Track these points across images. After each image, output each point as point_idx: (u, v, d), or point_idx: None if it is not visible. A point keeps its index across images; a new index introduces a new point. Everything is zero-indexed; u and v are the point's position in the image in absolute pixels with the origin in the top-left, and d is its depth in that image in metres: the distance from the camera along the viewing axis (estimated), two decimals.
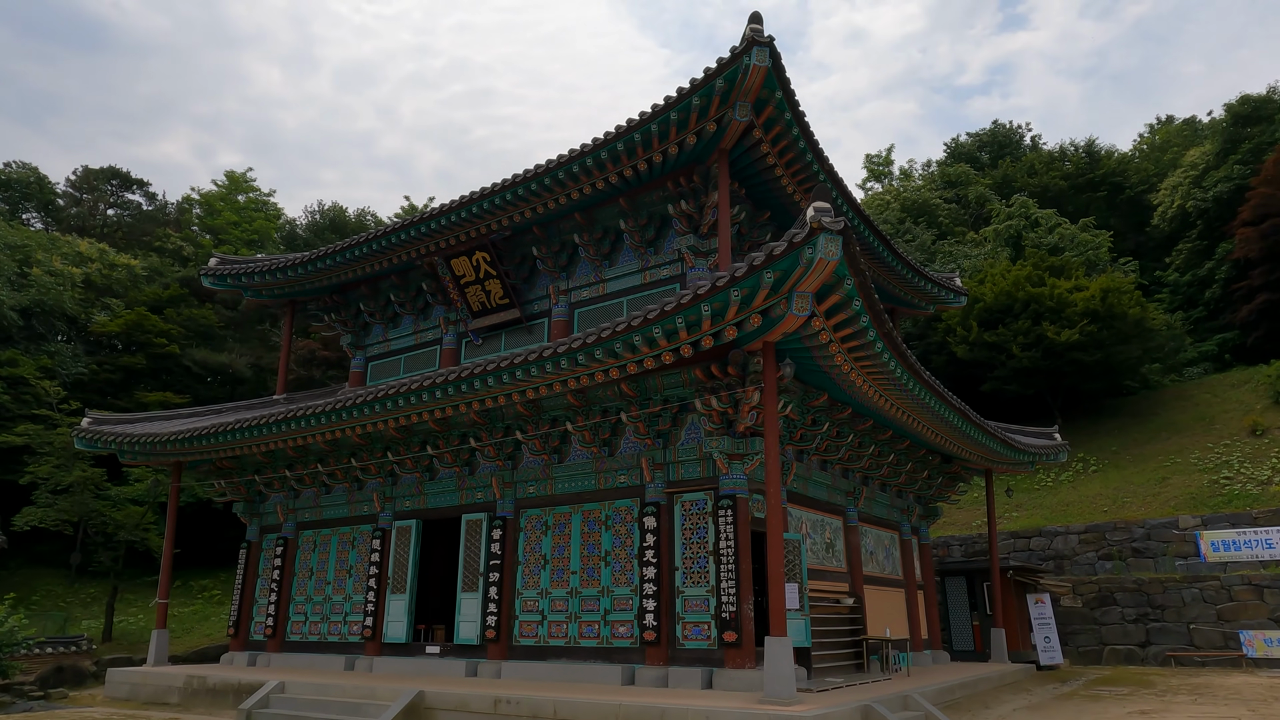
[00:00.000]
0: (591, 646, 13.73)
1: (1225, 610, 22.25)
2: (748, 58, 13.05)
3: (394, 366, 21.03)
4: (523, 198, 16.49)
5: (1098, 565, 25.45)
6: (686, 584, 12.98)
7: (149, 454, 19.48)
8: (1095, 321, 31.22)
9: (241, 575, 19.92)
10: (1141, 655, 22.79)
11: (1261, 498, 24.46)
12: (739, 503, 12.66)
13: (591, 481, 14.64)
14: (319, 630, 18.09)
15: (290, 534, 19.40)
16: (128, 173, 54.60)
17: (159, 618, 19.44)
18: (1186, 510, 25.15)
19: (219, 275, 21.80)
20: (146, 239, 51.93)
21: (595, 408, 14.34)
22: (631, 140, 14.66)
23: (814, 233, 9.47)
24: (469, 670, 14.73)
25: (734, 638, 12.03)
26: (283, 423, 16.02)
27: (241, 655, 18.84)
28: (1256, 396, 30.26)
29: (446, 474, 16.82)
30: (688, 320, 10.94)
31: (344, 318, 21.95)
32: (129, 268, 40.91)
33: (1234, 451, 27.43)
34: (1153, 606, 23.25)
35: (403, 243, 18.55)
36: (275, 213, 64.90)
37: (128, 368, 34.59)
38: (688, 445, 13.60)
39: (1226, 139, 41.26)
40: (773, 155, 15.11)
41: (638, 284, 17.00)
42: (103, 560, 24.40)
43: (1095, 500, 27.70)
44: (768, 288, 10.16)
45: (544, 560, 14.85)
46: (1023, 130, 57.80)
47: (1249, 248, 35.56)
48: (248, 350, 38.14)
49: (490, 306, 18.82)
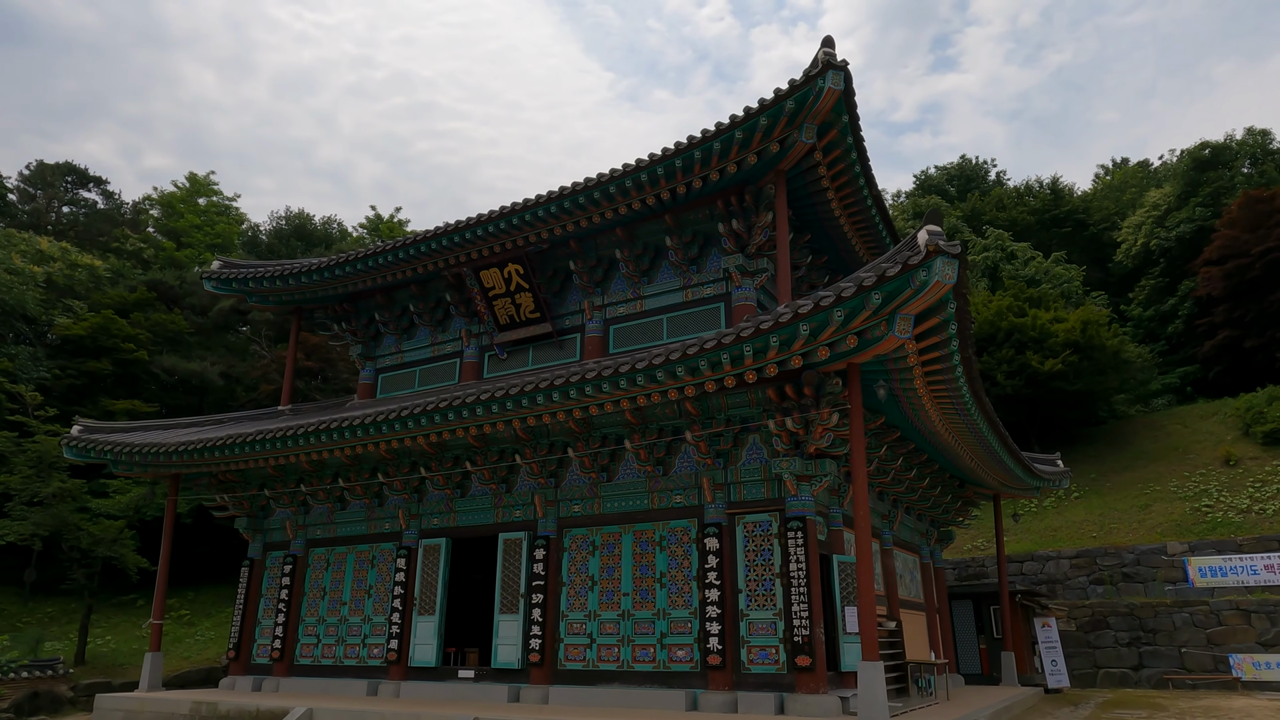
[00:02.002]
0: (647, 671, 13.39)
1: (1215, 634, 22.99)
2: (822, 80, 13.13)
3: (408, 379, 20.41)
4: (568, 210, 16.23)
5: (1089, 590, 26.08)
6: (751, 607, 12.77)
7: (148, 465, 18.42)
8: (1077, 352, 32.28)
9: (244, 595, 18.92)
10: (1135, 678, 23.37)
11: (1244, 525, 25.45)
12: (809, 525, 12.55)
13: (644, 501, 14.36)
14: (334, 653, 17.26)
15: (300, 551, 18.54)
16: (85, 169, 52.42)
17: (153, 639, 18.31)
18: (1173, 537, 26.01)
19: (223, 279, 20.89)
20: (103, 239, 49.70)
21: (653, 426, 14.10)
22: (691, 157, 14.57)
23: (930, 255, 9.49)
24: (511, 695, 14.20)
25: (808, 662, 11.86)
26: (314, 434, 15.33)
27: (245, 680, 17.85)
28: (1226, 428, 31.59)
29: (480, 491, 16.32)
30: (781, 339, 10.84)
31: (354, 327, 21.24)
32: (91, 268, 39.06)
33: (1210, 480, 28.53)
34: (1144, 630, 23.91)
35: (432, 252, 18.05)
36: (238, 217, 62.99)
37: (93, 373, 32.86)
38: (749, 465, 13.45)
39: (1187, 182, 43.36)
40: (827, 178, 15.21)
41: (679, 302, 16.85)
42: (77, 578, 22.91)
43: (1082, 526, 28.45)
44: (872, 309, 10.13)
45: (591, 581, 14.47)
46: (988, 165, 59.85)
47: (1212, 286, 37.28)
48: (219, 358, 36.66)
49: (519, 320, 18.43)
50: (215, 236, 56.22)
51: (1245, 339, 36.07)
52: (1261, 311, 34.92)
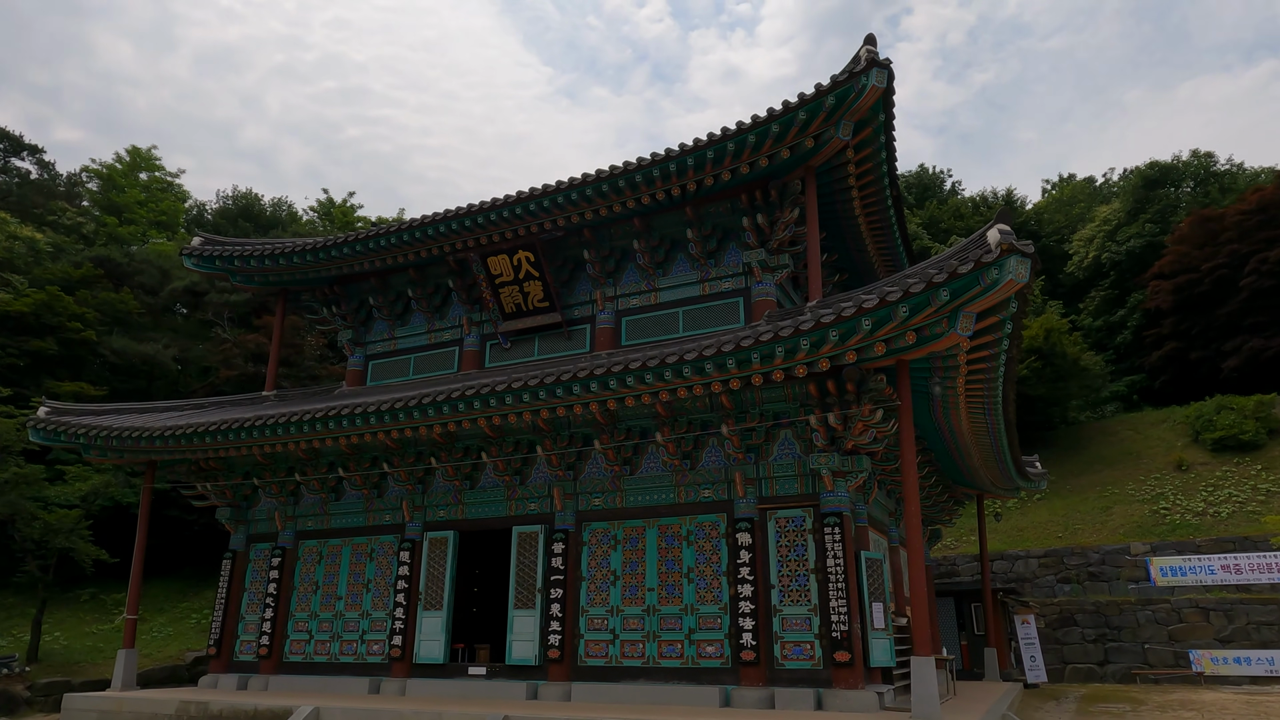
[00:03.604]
0: (674, 667, 13.20)
1: (1176, 631, 24.06)
2: (866, 78, 13.14)
3: (401, 367, 19.72)
4: (589, 198, 15.88)
5: (1057, 588, 26.98)
6: (784, 602, 12.71)
7: (127, 450, 17.37)
8: (1040, 358, 33.37)
9: (225, 589, 17.99)
10: (1101, 673, 24.27)
11: (1200, 527, 26.69)
12: (845, 521, 12.56)
13: (670, 495, 14.16)
14: (328, 650, 16.55)
15: (289, 543, 17.73)
16: (19, 136, 49.12)
17: (127, 635, 17.26)
18: (1135, 538, 27.10)
19: (205, 256, 19.82)
20: (38, 211, 46.71)
21: (683, 419, 13.92)
22: (723, 149, 14.40)
23: (1004, 254, 9.56)
24: (529, 693, 13.84)
25: (847, 657, 11.86)
26: (323, 421, 14.65)
27: (228, 678, 16.96)
28: (1177, 435, 33.10)
29: (492, 483, 15.87)
30: (840, 333, 10.79)
31: (344, 311, 20.42)
32: (32, 241, 36.70)
33: (1166, 485, 29.84)
34: (1110, 627, 24.86)
35: (440, 235, 17.46)
36: (182, 194, 60.25)
37: (36, 353, 30.81)
38: (781, 461, 13.39)
39: (1136, 199, 45.32)
40: (853, 176, 15.25)
41: (695, 295, 16.69)
42: (30, 570, 21.43)
43: (1047, 526, 29.41)
44: (938, 305, 10.15)
45: (614, 576, 14.20)
46: (945, 175, 61.49)
47: (1161, 299, 39.02)
48: (172, 341, 34.90)
49: (526, 309, 17.98)
50: (160, 214, 53.63)
51: (1191, 351, 37.88)
52: (1208, 325, 36.71)
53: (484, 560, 17.88)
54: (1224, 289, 35.97)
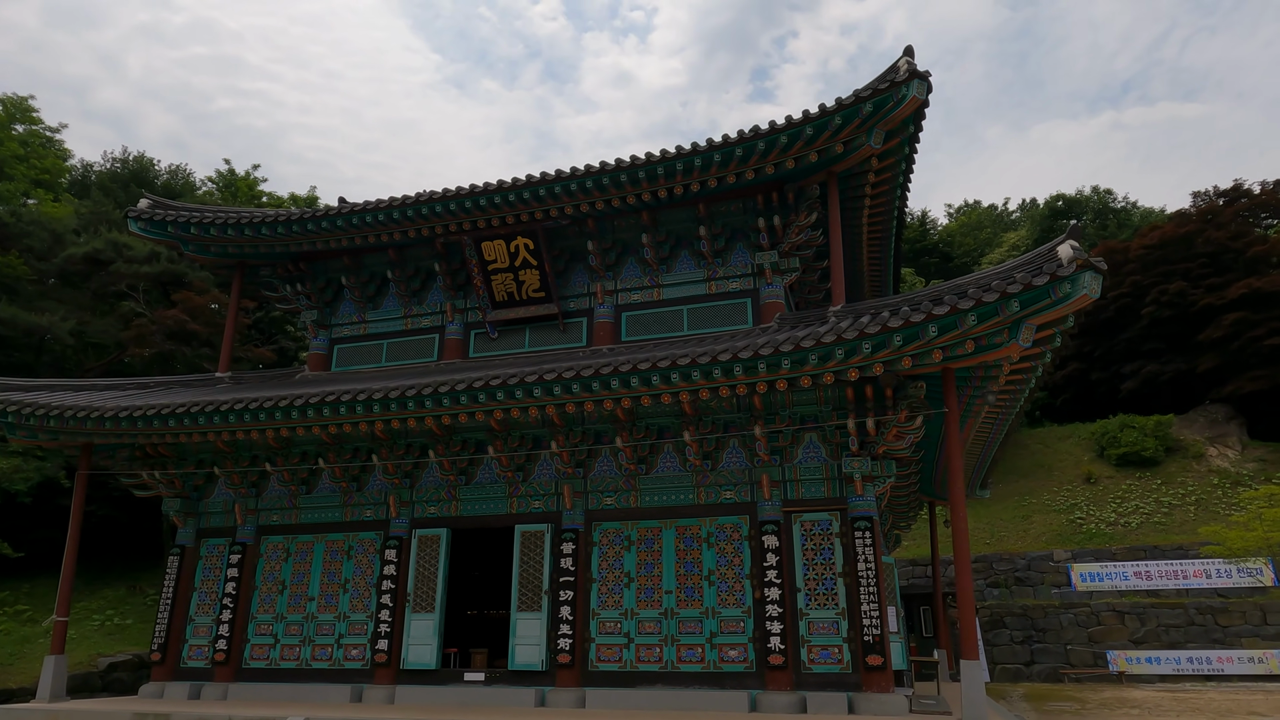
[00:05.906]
0: (694, 671, 12.91)
1: (1095, 633, 25.75)
2: (906, 88, 13.30)
3: (372, 353, 18.51)
4: (602, 187, 15.36)
5: (987, 592, 28.37)
6: (811, 606, 12.66)
7: (60, 432, 15.48)
8: None
9: (172, 588, 16.30)
10: (1027, 673, 25.68)
11: (1113, 535, 28.72)
12: (875, 525, 12.64)
13: (689, 496, 13.86)
14: (297, 655, 15.26)
15: (249, 539, 16.26)
16: None
17: (55, 639, 15.41)
18: (1056, 545, 28.88)
19: (155, 221, 17.96)
20: None
21: (708, 419, 13.65)
22: (752, 147, 14.26)
23: (1080, 269, 9.82)
24: (537, 700, 13.20)
25: (879, 661, 11.91)
26: (314, 407, 13.47)
27: (176, 686, 15.36)
28: (1083, 449, 35.56)
29: (491, 479, 15.08)
30: (904, 337, 10.83)
31: (309, 290, 18.98)
32: None
33: (1078, 496, 31.98)
34: (1035, 629, 26.34)
35: (434, 216, 16.47)
36: (63, 152, 54.83)
37: None
38: (807, 464, 13.35)
39: (1043, 228, 48.51)
40: (870, 185, 15.44)
41: (701, 294, 16.46)
42: None
43: (975, 533, 30.86)
44: (1006, 315, 10.34)
45: (627, 578, 13.76)
46: None
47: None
48: (70, 313, 31.58)
49: (520, 299, 17.25)
50: (43, 171, 48.55)
51: (1092, 372, 40.81)
52: (1109, 349, 39.64)
53: (478, 560, 17.01)
54: (1125, 316, 38.94)
